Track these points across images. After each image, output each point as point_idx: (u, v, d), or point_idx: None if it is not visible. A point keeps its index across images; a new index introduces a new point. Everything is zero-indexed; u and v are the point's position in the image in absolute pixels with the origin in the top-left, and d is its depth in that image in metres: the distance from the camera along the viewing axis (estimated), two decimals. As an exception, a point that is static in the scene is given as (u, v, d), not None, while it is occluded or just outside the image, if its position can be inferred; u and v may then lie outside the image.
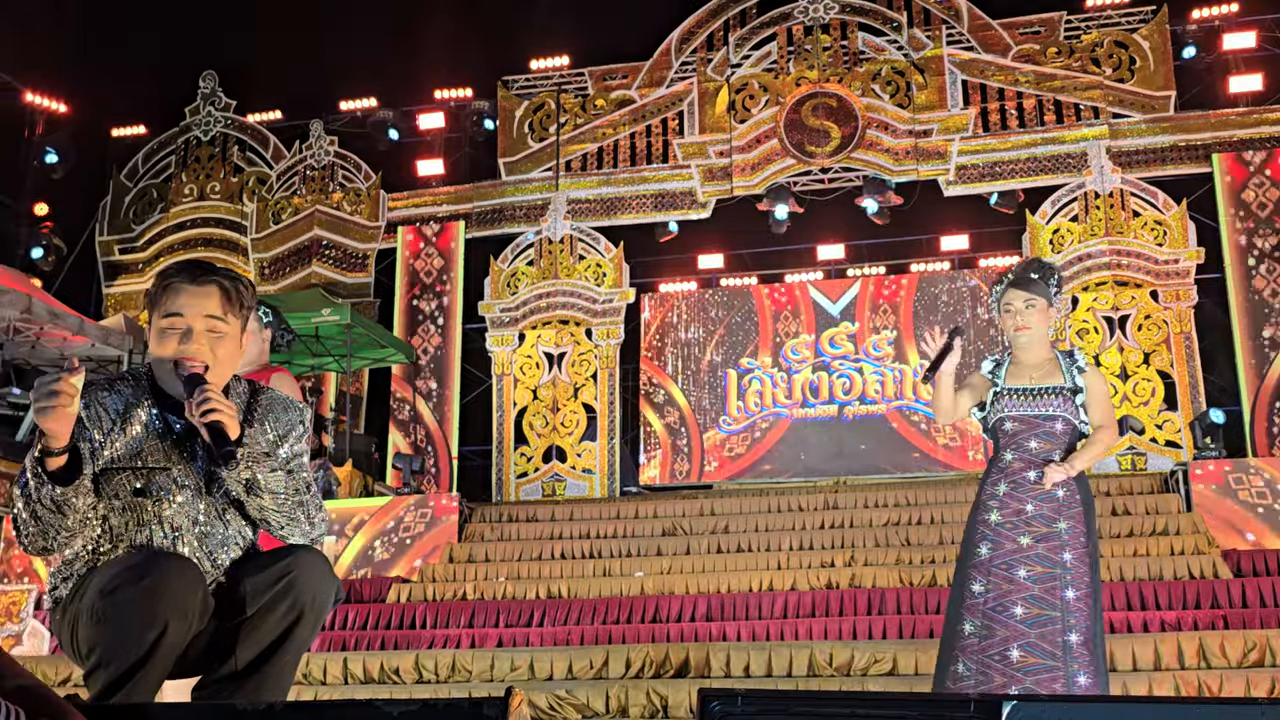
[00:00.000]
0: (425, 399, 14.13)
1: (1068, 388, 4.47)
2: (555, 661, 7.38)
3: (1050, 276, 4.59)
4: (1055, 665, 4.09)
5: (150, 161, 16.39)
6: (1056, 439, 4.42)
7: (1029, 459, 4.39)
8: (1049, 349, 4.62)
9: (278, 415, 2.84)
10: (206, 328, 2.68)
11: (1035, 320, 4.51)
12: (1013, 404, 4.48)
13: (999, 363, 4.66)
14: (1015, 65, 13.80)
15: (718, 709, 1.99)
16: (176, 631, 2.48)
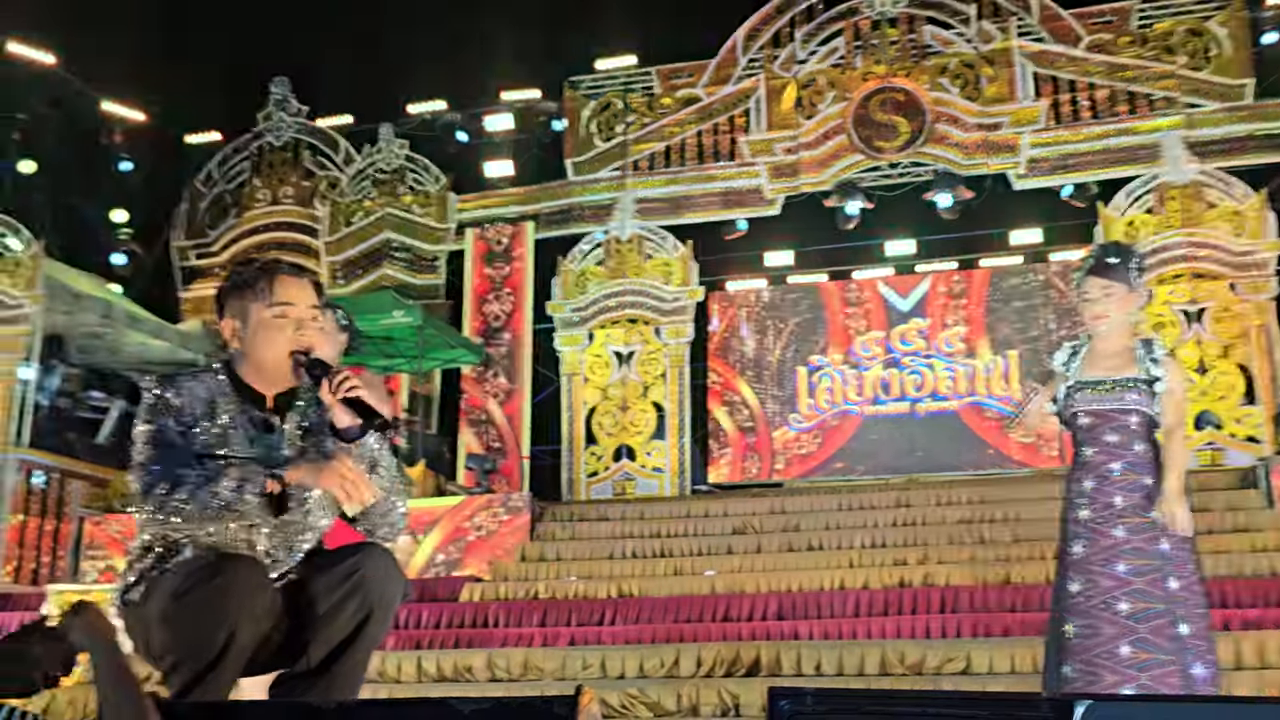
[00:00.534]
0: (496, 399, 14.23)
1: (1143, 380, 4.32)
2: (626, 660, 7.40)
3: (1129, 260, 4.42)
4: (1170, 659, 3.97)
5: (224, 167, 16.68)
6: (1132, 432, 4.28)
7: (1110, 452, 4.26)
8: (1129, 337, 4.45)
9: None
10: (311, 318, 2.77)
11: (1114, 308, 4.36)
12: (1086, 398, 4.34)
13: (1075, 350, 4.52)
14: (1087, 56, 13.57)
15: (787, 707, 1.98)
16: (246, 632, 2.51)
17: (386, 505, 2.83)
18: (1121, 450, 4.26)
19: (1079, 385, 4.38)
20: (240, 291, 2.79)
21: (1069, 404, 4.40)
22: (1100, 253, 4.51)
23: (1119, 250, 4.51)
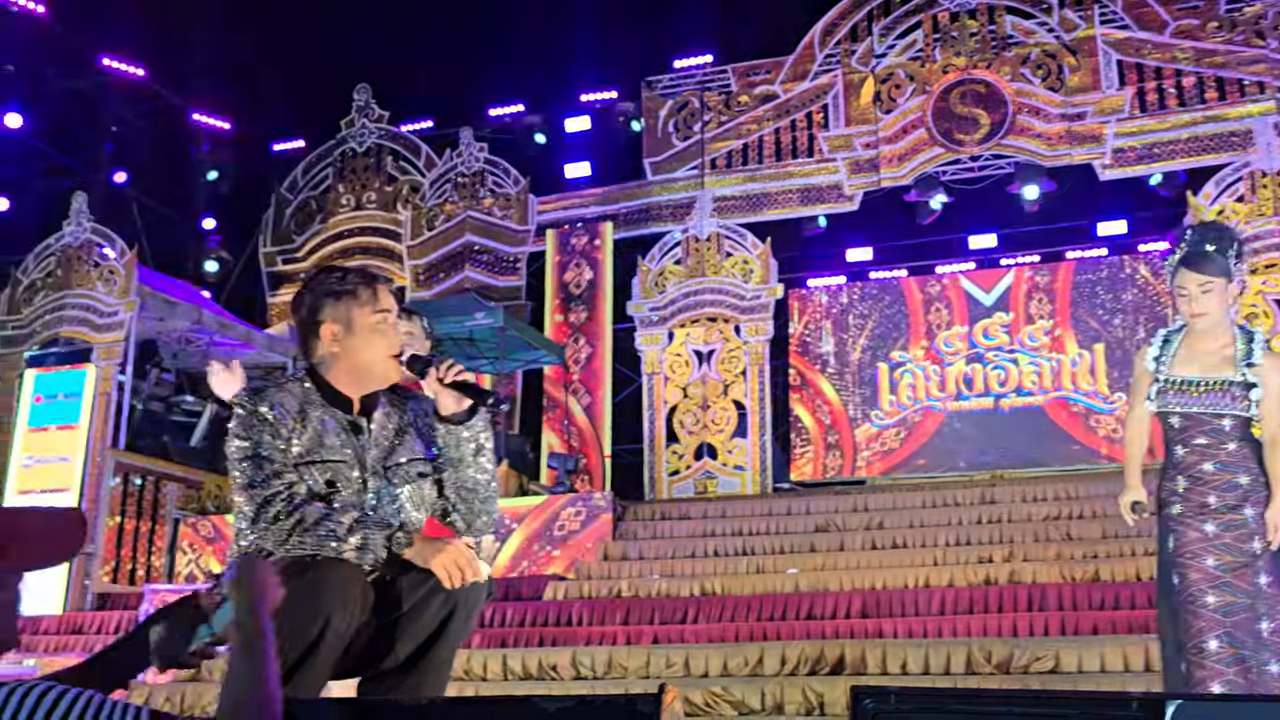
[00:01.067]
0: (577, 398, 14.31)
1: (1238, 382, 4.09)
2: (710, 658, 7.40)
3: (1228, 247, 4.13)
4: (1248, 654, 3.86)
5: (309, 174, 16.98)
6: (1225, 434, 4.11)
7: (1202, 453, 4.11)
8: (1229, 331, 4.20)
9: (428, 409, 2.98)
10: (394, 322, 2.94)
11: (1213, 304, 4.11)
12: (1178, 398, 4.17)
13: (1167, 340, 4.31)
14: (1173, 42, 13.29)
15: (871, 706, 1.99)
16: (339, 623, 2.57)
17: (488, 492, 2.91)
18: (1214, 450, 4.10)
19: (1170, 384, 4.20)
20: (342, 297, 2.88)
21: (1160, 402, 4.24)
22: (1196, 240, 4.19)
23: (1217, 236, 4.19)
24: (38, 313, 13.61)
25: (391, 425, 2.89)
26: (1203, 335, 4.19)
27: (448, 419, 2.86)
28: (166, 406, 13.44)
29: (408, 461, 2.85)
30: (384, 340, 2.86)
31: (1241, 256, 4.20)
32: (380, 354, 2.86)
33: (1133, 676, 6.35)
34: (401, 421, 2.91)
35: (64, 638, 9.91)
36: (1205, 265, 4.10)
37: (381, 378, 2.86)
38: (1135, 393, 4.41)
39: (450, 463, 2.91)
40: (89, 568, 11.62)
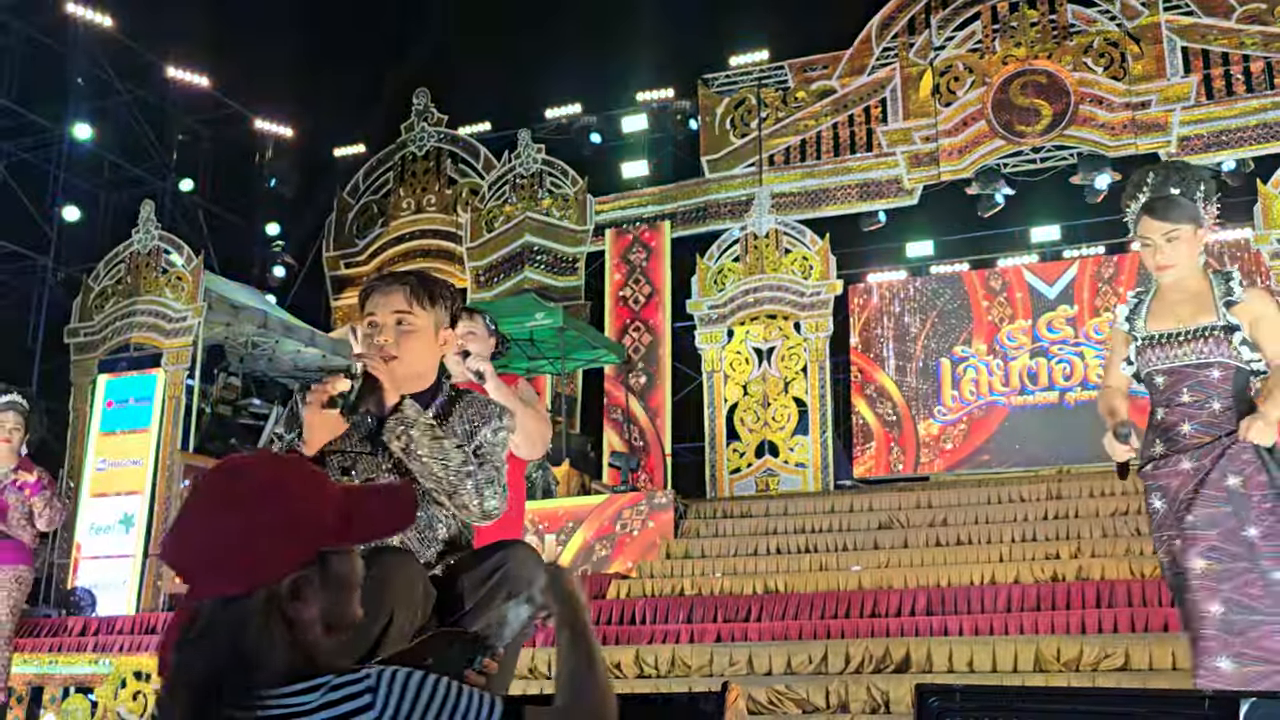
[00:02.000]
0: (638, 398, 14.33)
1: (1220, 326, 3.68)
2: (774, 656, 7.39)
3: (1195, 187, 3.75)
4: (1264, 617, 3.48)
5: (370, 178, 17.16)
6: (1212, 388, 3.68)
7: (1183, 412, 3.72)
8: (1202, 278, 3.80)
9: (476, 410, 3.01)
10: (395, 321, 2.92)
11: (1181, 255, 3.72)
12: (1158, 355, 3.77)
13: (1139, 300, 3.93)
14: (1240, 27, 13.04)
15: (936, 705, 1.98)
16: (402, 620, 2.60)
17: (449, 485, 2.87)
18: (1195, 410, 3.70)
19: (1148, 341, 3.81)
20: (359, 311, 3.05)
21: (1142, 363, 3.84)
22: (1158, 184, 3.81)
23: (1182, 178, 3.80)
24: (108, 319, 13.88)
25: (427, 423, 2.92)
26: (1173, 288, 3.82)
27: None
28: (234, 409, 13.64)
29: (428, 458, 2.87)
30: (366, 345, 2.92)
31: (1210, 199, 3.83)
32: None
33: (1205, 674, 6.24)
34: (443, 419, 2.95)
35: (138, 637, 10.07)
36: (1170, 212, 3.75)
37: (397, 380, 2.87)
38: (1110, 362, 4.02)
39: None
40: (161, 569, 11.82)
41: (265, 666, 1.60)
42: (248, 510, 1.64)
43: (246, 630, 1.60)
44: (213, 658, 1.60)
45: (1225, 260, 13.11)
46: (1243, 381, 3.72)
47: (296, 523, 1.66)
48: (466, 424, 2.97)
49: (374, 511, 1.78)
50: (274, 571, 1.64)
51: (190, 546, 1.65)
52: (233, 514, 1.64)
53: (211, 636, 1.61)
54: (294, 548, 1.66)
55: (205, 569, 1.63)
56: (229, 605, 1.61)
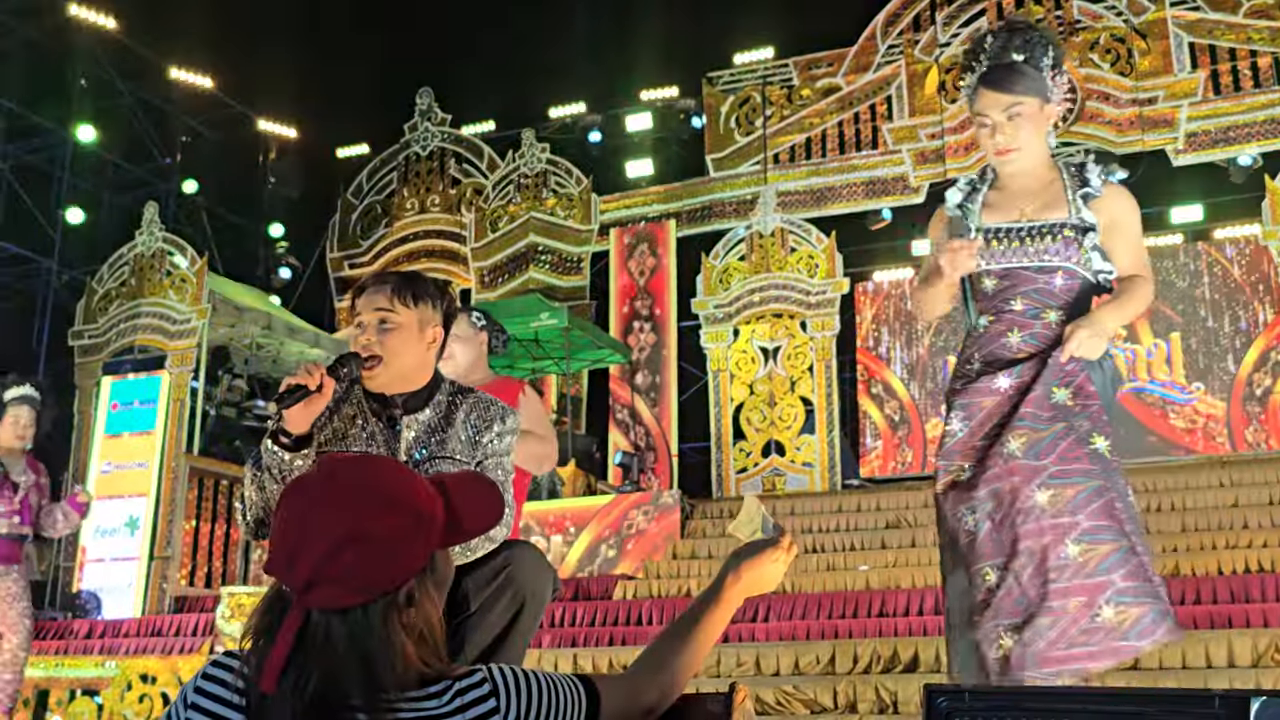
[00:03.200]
0: (643, 398, 14.30)
1: (1072, 224, 3.11)
2: (781, 657, 7.35)
3: (1041, 53, 3.14)
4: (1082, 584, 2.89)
5: (374, 179, 17.16)
6: (1050, 297, 3.11)
7: (1013, 320, 3.12)
8: (1050, 165, 3.23)
9: (480, 413, 2.96)
10: (378, 320, 2.88)
11: (1025, 134, 3.14)
12: (993, 252, 3.14)
13: (974, 188, 3.28)
14: (1248, 22, 12.98)
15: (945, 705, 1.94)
16: None
17: None
18: (1027, 319, 3.12)
19: (984, 234, 3.16)
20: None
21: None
22: (998, 50, 3.17)
23: (1026, 42, 3.16)
24: (112, 321, 13.88)
25: (432, 424, 2.90)
26: (1017, 178, 3.22)
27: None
28: (239, 411, 13.64)
29: (432, 458, 2.85)
30: (355, 346, 2.90)
31: (1060, 69, 3.19)
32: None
33: (1215, 672, 6.20)
34: (446, 420, 2.91)
35: (144, 640, 10.07)
36: (1013, 82, 3.12)
37: (390, 379, 2.86)
38: (929, 259, 3.26)
39: None
40: (166, 571, 11.82)
41: (390, 673, 1.55)
42: (370, 516, 1.58)
43: (370, 639, 1.55)
44: (335, 669, 1.54)
45: (1234, 259, 13.06)
46: (1087, 296, 3.16)
47: (418, 528, 1.61)
48: (470, 428, 2.92)
49: (476, 506, 1.73)
50: (396, 579, 1.58)
51: (307, 558, 1.56)
52: (355, 521, 1.57)
53: (331, 648, 1.55)
54: (415, 553, 1.61)
55: (325, 581, 1.56)
56: (347, 615, 1.56)
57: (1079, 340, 2.98)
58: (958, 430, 3.11)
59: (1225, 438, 12.45)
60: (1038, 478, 2.96)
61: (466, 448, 2.89)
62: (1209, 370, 12.81)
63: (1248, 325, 12.79)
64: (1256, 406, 12.48)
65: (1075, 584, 2.87)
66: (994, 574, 2.95)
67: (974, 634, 2.95)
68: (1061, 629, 2.85)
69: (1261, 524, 8.90)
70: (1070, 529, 2.92)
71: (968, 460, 3.08)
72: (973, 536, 3.00)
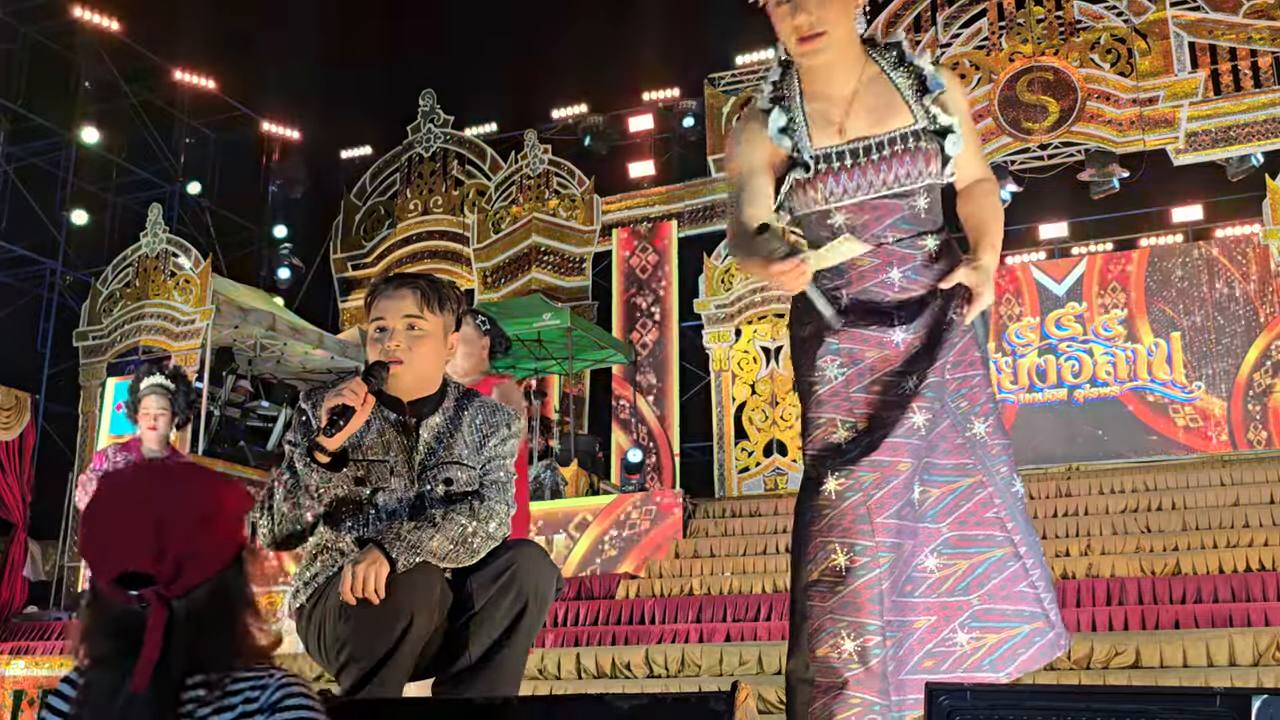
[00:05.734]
0: (645, 397, 14.33)
1: (925, 129, 2.58)
2: (783, 656, 7.37)
3: None
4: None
5: (377, 180, 17.18)
6: (923, 222, 2.63)
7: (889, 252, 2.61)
8: (863, 54, 2.61)
9: (485, 418, 2.95)
10: (405, 326, 2.84)
11: (834, 13, 2.51)
12: (837, 182, 2.57)
13: (781, 95, 2.69)
14: (1248, 22, 13.00)
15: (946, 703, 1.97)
16: (421, 623, 2.61)
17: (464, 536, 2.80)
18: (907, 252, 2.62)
19: (820, 160, 2.58)
20: (365, 313, 2.99)
21: (806, 199, 2.60)
22: None
23: None
24: (117, 322, 13.91)
25: (441, 429, 2.89)
26: (829, 76, 2.61)
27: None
28: (243, 412, 13.65)
29: (438, 464, 2.84)
30: (375, 349, 2.85)
31: None
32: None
33: (1216, 671, 6.23)
34: (453, 425, 2.91)
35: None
36: None
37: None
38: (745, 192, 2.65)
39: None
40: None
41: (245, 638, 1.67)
42: (215, 492, 1.70)
43: (233, 598, 1.67)
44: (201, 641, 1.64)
45: (1234, 259, 13.08)
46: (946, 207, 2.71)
47: (244, 500, 1.73)
48: (476, 434, 2.92)
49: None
50: (239, 543, 1.71)
51: (175, 542, 1.64)
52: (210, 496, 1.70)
53: (198, 621, 1.64)
54: (231, 538, 1.71)
55: (194, 556, 1.65)
56: (213, 582, 1.66)
57: (985, 301, 2.58)
58: (834, 377, 2.58)
59: (1226, 437, 12.47)
60: (925, 469, 2.55)
61: (472, 452, 2.89)
62: (1209, 369, 12.83)
63: (1248, 325, 12.82)
64: (1257, 405, 12.50)
65: (926, 601, 2.51)
66: (843, 557, 2.45)
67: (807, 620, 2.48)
68: (908, 648, 2.50)
69: (1262, 523, 8.93)
70: (931, 537, 2.54)
71: (839, 414, 2.58)
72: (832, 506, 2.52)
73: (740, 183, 2.66)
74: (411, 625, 2.58)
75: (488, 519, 2.80)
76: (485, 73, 16.23)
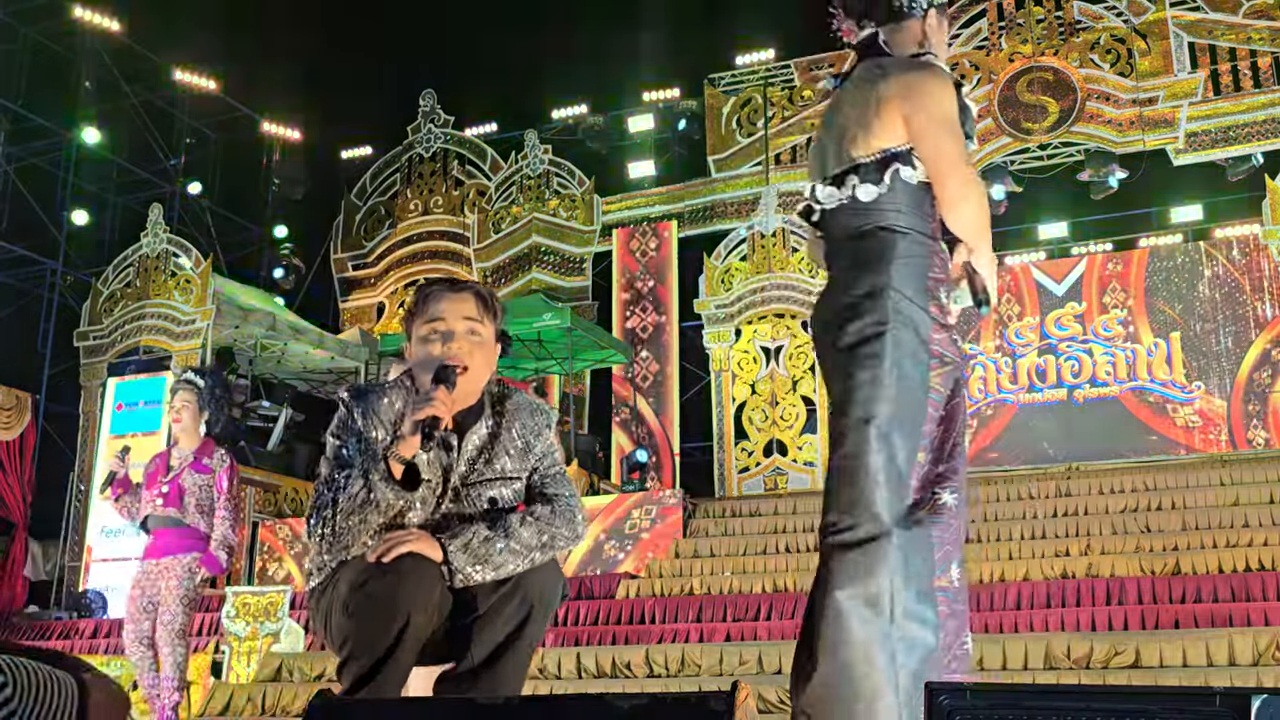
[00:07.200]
0: (645, 397, 14.34)
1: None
2: (784, 655, 7.37)
3: None
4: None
5: (377, 180, 17.19)
6: None
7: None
8: None
9: (526, 421, 2.88)
10: (466, 329, 2.77)
11: None
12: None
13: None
14: (1247, 23, 13.01)
15: (946, 703, 1.97)
16: (418, 623, 2.59)
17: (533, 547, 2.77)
18: None
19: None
20: (409, 315, 2.86)
21: None
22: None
23: None
24: (117, 322, 13.92)
25: (483, 443, 2.80)
26: None
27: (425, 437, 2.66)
28: (243, 412, 13.66)
29: (480, 482, 2.76)
30: (433, 349, 2.74)
31: None
32: (426, 373, 2.72)
33: (1216, 670, 6.24)
34: (496, 435, 2.82)
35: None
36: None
37: (436, 408, 2.67)
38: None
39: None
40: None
41: None
42: None
43: None
44: None
45: (1234, 259, 13.09)
46: None
47: None
48: (520, 440, 2.85)
49: None
50: None
51: None
52: None
53: None
54: None
55: None
56: None
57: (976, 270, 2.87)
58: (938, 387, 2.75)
59: (1225, 436, 12.48)
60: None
61: (517, 459, 2.82)
62: (1209, 369, 12.84)
63: (1248, 324, 12.82)
64: (1257, 405, 12.51)
65: (957, 608, 2.68)
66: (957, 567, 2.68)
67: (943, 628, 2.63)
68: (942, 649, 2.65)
69: (1262, 522, 8.93)
70: (957, 549, 2.73)
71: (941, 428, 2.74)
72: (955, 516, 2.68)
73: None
74: (409, 625, 2.57)
75: (568, 519, 2.78)
76: (485, 73, 16.25)
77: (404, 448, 2.63)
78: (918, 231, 2.79)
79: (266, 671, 8.19)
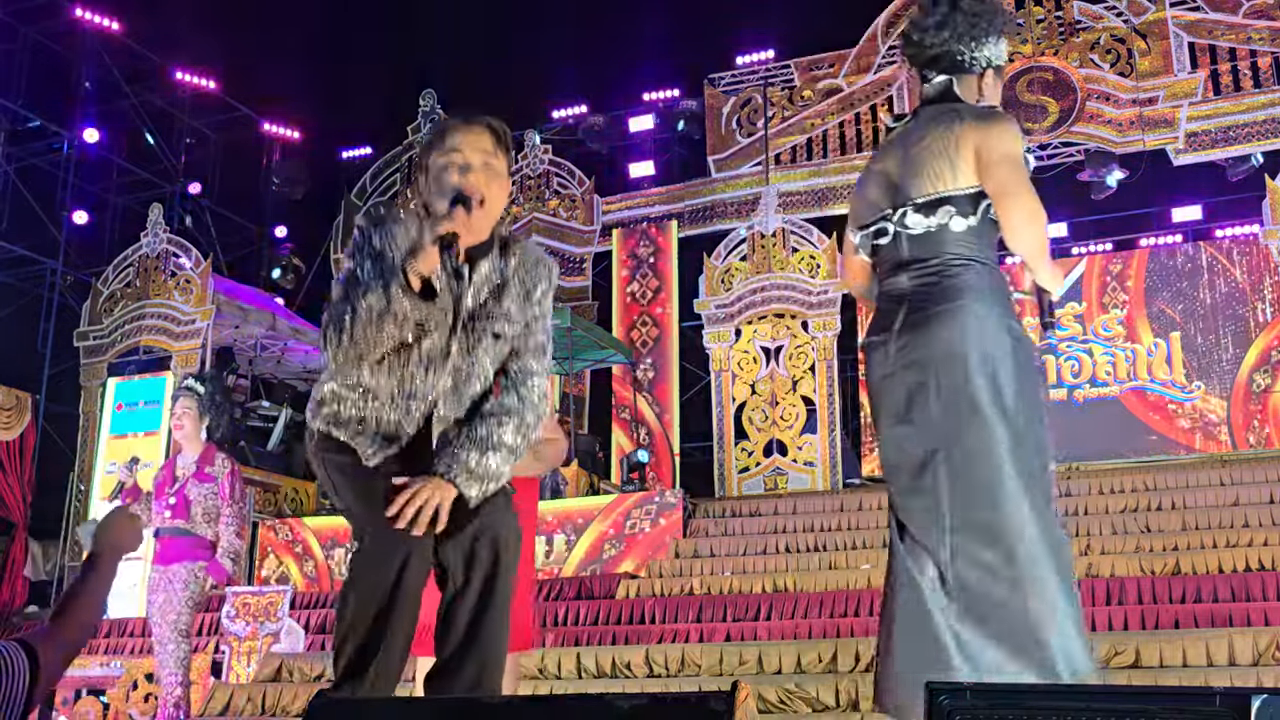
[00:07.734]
0: (646, 397, 14.34)
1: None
2: (784, 655, 7.38)
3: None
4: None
5: (377, 180, 17.18)
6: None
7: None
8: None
9: (530, 266, 2.86)
10: (482, 162, 2.77)
11: None
12: None
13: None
14: (1248, 22, 13.01)
15: (946, 702, 1.97)
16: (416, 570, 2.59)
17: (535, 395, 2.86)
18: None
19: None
20: (425, 148, 2.86)
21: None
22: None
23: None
24: (118, 322, 13.92)
25: (492, 277, 2.79)
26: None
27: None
28: (243, 412, 13.67)
29: (487, 316, 2.76)
30: (449, 180, 2.76)
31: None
32: (445, 197, 2.73)
33: (1216, 671, 6.24)
34: (504, 275, 2.80)
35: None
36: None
37: (456, 225, 2.67)
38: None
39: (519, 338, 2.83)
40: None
41: None
42: None
43: None
44: None
45: (1234, 259, 13.09)
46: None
47: None
48: (522, 285, 2.83)
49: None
50: None
51: None
52: None
53: None
54: None
55: None
56: None
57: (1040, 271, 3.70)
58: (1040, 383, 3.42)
59: (1226, 437, 12.47)
60: None
61: (519, 304, 2.81)
62: (1209, 369, 12.84)
63: (1248, 325, 12.83)
64: (1256, 405, 12.52)
65: None
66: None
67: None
68: None
69: (1262, 522, 8.93)
70: None
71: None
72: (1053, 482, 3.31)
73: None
74: (407, 566, 2.56)
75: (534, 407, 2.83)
76: (485, 73, 16.24)
77: (423, 261, 2.62)
78: (994, 264, 3.42)
79: (266, 671, 8.20)
